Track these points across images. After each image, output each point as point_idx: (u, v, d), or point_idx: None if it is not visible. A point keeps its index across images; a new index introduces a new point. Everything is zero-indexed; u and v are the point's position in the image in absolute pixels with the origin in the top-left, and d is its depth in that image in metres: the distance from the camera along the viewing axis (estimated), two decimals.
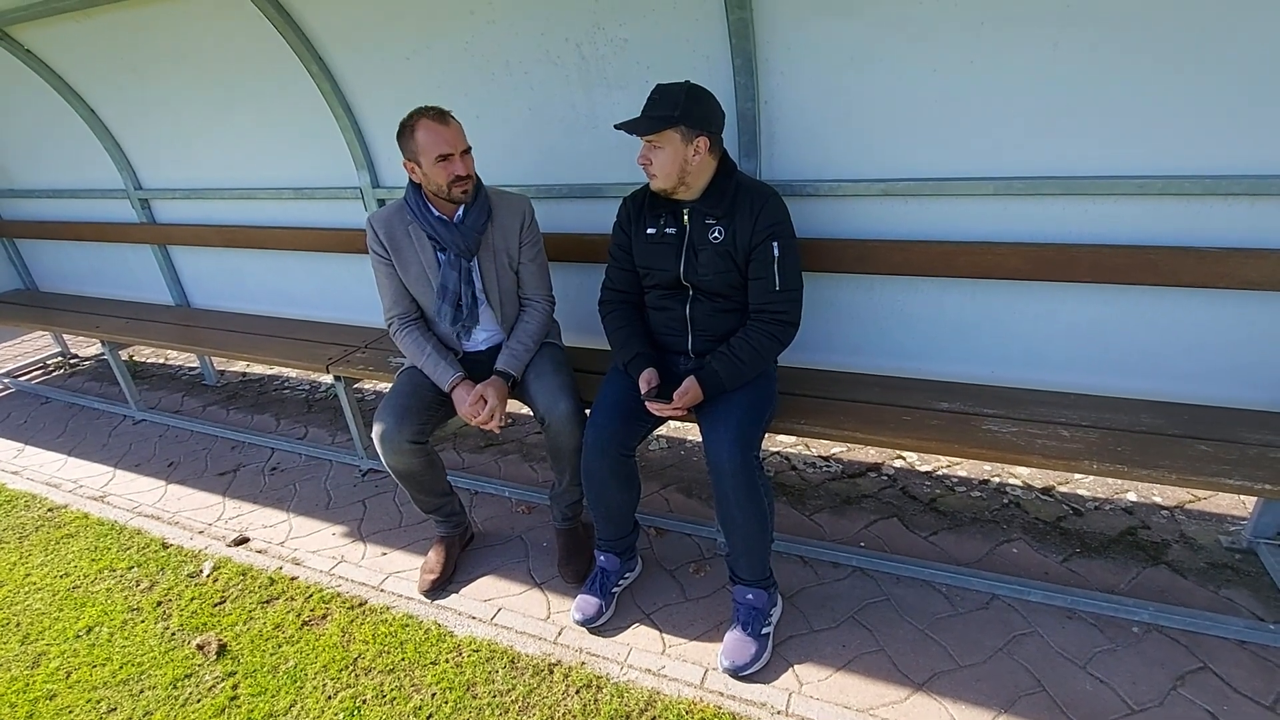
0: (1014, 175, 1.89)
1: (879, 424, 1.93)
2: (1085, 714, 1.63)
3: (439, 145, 1.88)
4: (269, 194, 3.14)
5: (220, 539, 2.55)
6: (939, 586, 2.04)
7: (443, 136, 1.88)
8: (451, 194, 1.94)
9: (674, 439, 2.98)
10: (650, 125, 1.71)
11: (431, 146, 1.88)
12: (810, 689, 1.76)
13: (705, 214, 1.82)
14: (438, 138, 1.88)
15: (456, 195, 1.95)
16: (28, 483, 3.07)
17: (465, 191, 1.95)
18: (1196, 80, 1.65)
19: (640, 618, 2.03)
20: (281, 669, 1.95)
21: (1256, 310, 1.81)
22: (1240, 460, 1.65)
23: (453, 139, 1.90)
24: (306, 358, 2.77)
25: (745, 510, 1.76)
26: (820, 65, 1.95)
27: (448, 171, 1.90)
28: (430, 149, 1.88)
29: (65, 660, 2.06)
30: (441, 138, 1.88)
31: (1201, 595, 1.93)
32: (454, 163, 1.91)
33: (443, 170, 1.90)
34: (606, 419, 1.90)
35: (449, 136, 1.89)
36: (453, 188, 1.93)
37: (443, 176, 1.91)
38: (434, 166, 1.90)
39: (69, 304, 3.97)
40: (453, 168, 1.91)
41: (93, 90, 3.24)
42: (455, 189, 1.93)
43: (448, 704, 1.80)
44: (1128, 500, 2.35)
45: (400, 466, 2.04)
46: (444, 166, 1.90)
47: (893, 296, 2.18)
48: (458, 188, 1.93)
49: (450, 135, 1.90)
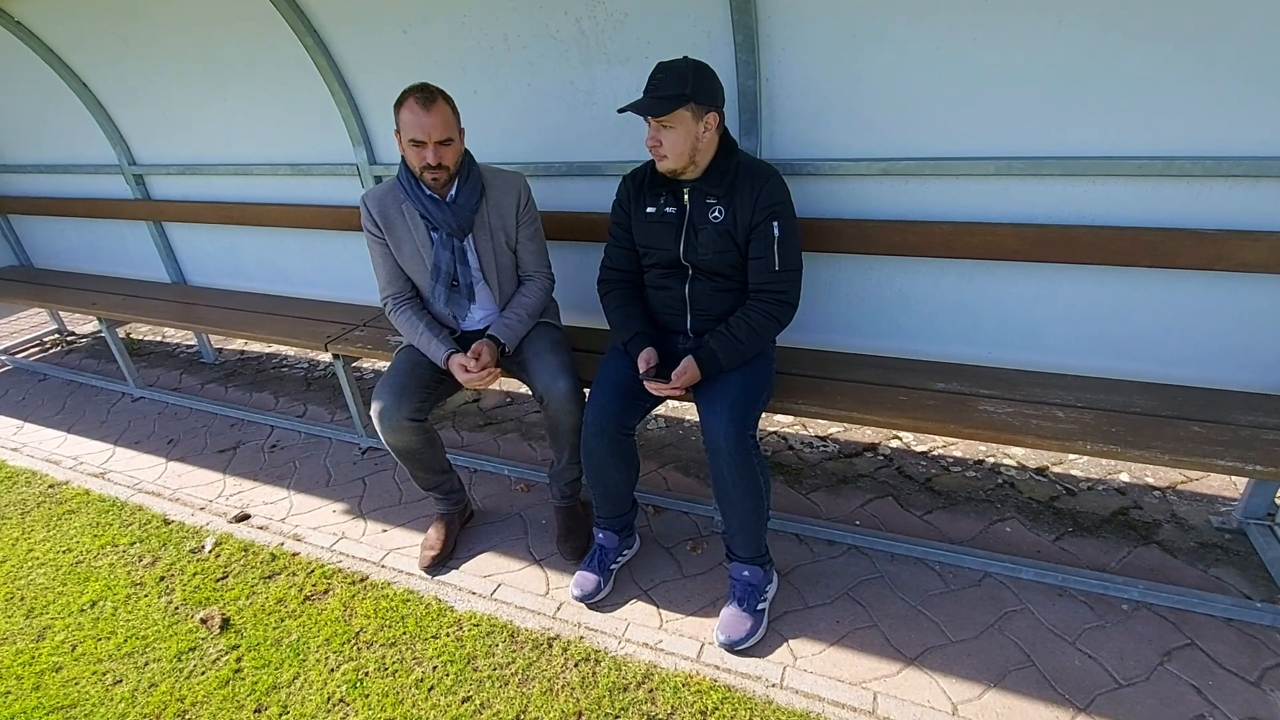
0: (1014, 155, 1.88)
1: (876, 404, 1.95)
2: (1073, 688, 1.66)
3: (413, 130, 1.86)
4: (265, 170, 3.11)
5: (221, 515, 2.57)
6: (932, 564, 2.07)
7: (419, 122, 1.84)
8: (423, 178, 1.94)
9: (672, 418, 2.99)
10: (661, 106, 1.68)
11: (408, 128, 1.87)
12: (804, 663, 1.79)
13: (705, 193, 1.81)
14: (415, 121, 1.85)
15: (427, 180, 1.94)
16: (28, 459, 3.08)
17: (436, 180, 1.94)
18: (1199, 60, 1.63)
19: (638, 594, 2.06)
20: (284, 642, 1.98)
21: (1252, 292, 1.82)
22: (1232, 441, 1.67)
23: (430, 127, 1.85)
24: (305, 336, 2.77)
25: (741, 489, 1.77)
26: (822, 42, 1.93)
27: (419, 157, 1.89)
28: (406, 130, 1.87)
29: (70, 634, 2.09)
30: (419, 122, 1.85)
31: (1191, 574, 1.96)
32: (425, 150, 1.87)
33: (415, 154, 1.89)
34: (606, 398, 1.91)
35: (426, 124, 1.84)
36: (424, 173, 1.92)
37: (415, 160, 1.90)
38: (408, 148, 1.90)
39: (65, 281, 3.95)
40: (424, 155, 1.88)
41: (85, 64, 3.19)
42: (426, 174, 1.92)
43: (449, 676, 1.83)
44: (1120, 481, 2.37)
45: (399, 444, 2.05)
46: (416, 151, 1.88)
47: (891, 277, 2.18)
48: (429, 174, 1.92)
49: (429, 122, 1.84)
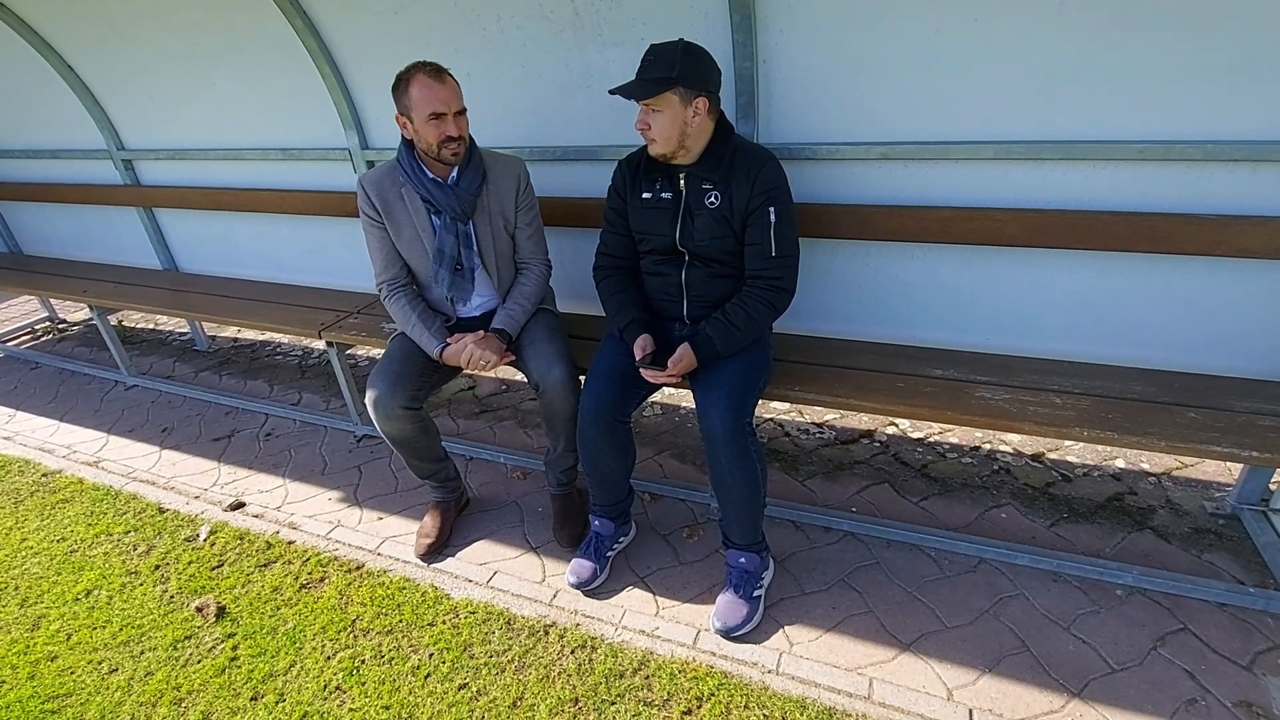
0: (1014, 140, 1.86)
1: (873, 390, 1.94)
2: (1067, 673, 1.67)
3: (432, 103, 1.83)
4: (256, 154, 3.07)
5: (216, 504, 2.56)
6: (928, 550, 2.07)
7: (437, 94, 1.84)
8: (441, 154, 1.90)
9: (668, 406, 2.98)
10: (647, 89, 1.66)
11: (424, 103, 1.83)
12: (800, 649, 1.80)
13: (702, 178, 1.79)
14: (432, 94, 1.83)
15: (446, 156, 1.90)
16: (20, 448, 3.06)
17: (455, 154, 1.91)
18: (1200, 44, 1.61)
19: (634, 581, 2.06)
20: (281, 630, 1.98)
21: (1251, 279, 1.81)
22: (1228, 428, 1.66)
23: (447, 98, 1.85)
24: (299, 323, 2.75)
25: (738, 475, 1.77)
26: (820, 23, 1.90)
27: (439, 131, 1.86)
28: (423, 105, 1.83)
29: (65, 623, 2.09)
30: (436, 95, 1.83)
31: (1184, 559, 1.97)
32: (446, 122, 1.86)
33: (434, 129, 1.86)
34: (602, 385, 1.90)
35: (444, 95, 1.84)
36: (443, 148, 1.88)
37: (434, 135, 1.86)
38: (425, 124, 1.85)
39: (55, 268, 3.90)
40: (445, 127, 1.86)
41: (69, 46, 3.13)
42: (445, 150, 1.89)
43: (445, 663, 1.83)
44: (1116, 467, 2.38)
45: (394, 432, 2.04)
46: (435, 125, 1.85)
47: (889, 263, 2.16)
48: (448, 149, 1.89)
49: (445, 94, 1.85)
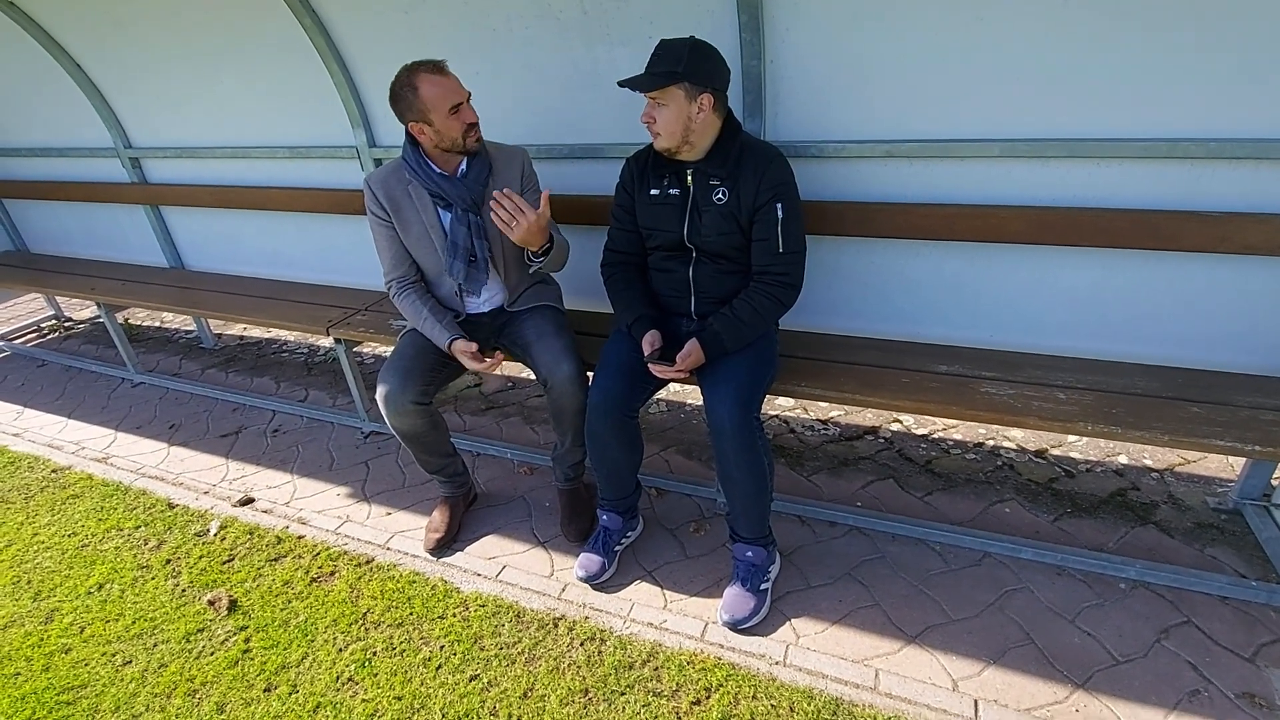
0: (1018, 137, 1.87)
1: (878, 386, 1.96)
2: (1072, 665, 1.69)
3: (448, 96, 1.85)
4: (263, 153, 3.08)
5: (226, 499, 2.58)
6: (933, 545, 2.09)
7: (449, 87, 1.86)
8: (466, 144, 1.92)
9: (674, 402, 3.00)
10: (652, 82, 1.68)
11: (441, 99, 1.84)
12: (807, 641, 1.82)
13: (709, 175, 1.81)
14: (444, 89, 1.85)
15: (471, 145, 1.93)
16: (30, 445, 3.08)
17: (479, 139, 1.94)
18: (1204, 42, 1.62)
19: (642, 575, 2.08)
20: (292, 623, 2.00)
21: (1254, 275, 1.82)
22: (1231, 423, 1.68)
23: (457, 87, 1.88)
24: (306, 321, 2.76)
25: (745, 469, 1.79)
26: (826, 22, 1.91)
27: (462, 121, 1.88)
28: (440, 102, 1.84)
29: (78, 616, 2.11)
30: (448, 88, 1.86)
31: (1187, 553, 1.99)
32: (466, 110, 1.88)
33: (457, 121, 1.87)
34: (610, 380, 1.92)
35: (454, 85, 1.87)
36: (467, 137, 1.91)
37: (458, 128, 1.88)
38: (448, 120, 1.86)
39: (62, 266, 3.92)
40: (466, 116, 1.88)
41: (78, 44, 3.14)
42: (469, 138, 1.91)
43: (456, 655, 1.85)
44: (1119, 463, 2.39)
45: (404, 427, 2.06)
46: (457, 117, 1.87)
47: (894, 260, 2.18)
48: (472, 136, 1.92)
49: (454, 84, 1.88)
